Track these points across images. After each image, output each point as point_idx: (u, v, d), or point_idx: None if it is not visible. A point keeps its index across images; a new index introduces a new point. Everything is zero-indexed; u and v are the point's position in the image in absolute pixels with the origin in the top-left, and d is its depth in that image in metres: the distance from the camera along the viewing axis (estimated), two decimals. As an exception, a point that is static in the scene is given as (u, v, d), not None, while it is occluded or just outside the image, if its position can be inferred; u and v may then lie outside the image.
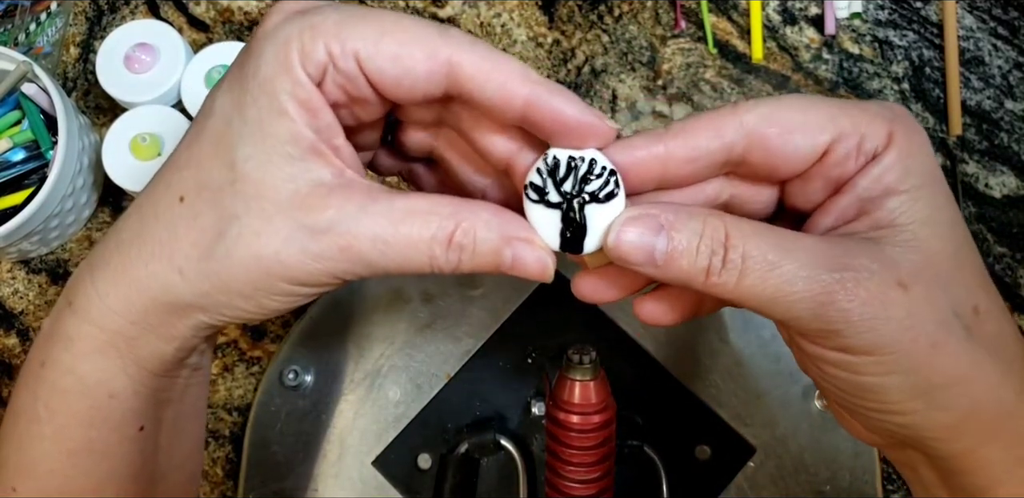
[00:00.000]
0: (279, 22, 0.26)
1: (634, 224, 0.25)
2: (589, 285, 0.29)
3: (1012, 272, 0.54)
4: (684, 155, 0.26)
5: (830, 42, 0.57)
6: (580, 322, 0.51)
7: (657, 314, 0.29)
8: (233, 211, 0.25)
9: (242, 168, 0.25)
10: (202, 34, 0.59)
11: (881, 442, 0.29)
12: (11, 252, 0.52)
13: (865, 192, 0.26)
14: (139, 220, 0.28)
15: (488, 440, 0.47)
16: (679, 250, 0.25)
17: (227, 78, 0.26)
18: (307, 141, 0.25)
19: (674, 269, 0.25)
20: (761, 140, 0.26)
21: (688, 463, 0.48)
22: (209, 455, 0.52)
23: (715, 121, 0.26)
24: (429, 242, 0.25)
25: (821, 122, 0.26)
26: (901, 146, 0.26)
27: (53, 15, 0.59)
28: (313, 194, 0.25)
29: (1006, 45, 0.57)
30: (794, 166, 0.26)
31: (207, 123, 0.26)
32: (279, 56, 0.25)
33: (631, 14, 0.58)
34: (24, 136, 0.51)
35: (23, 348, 0.54)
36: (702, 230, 0.25)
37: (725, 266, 0.24)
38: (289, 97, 0.25)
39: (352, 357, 0.50)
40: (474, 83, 0.25)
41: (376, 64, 0.25)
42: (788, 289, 0.24)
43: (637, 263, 0.25)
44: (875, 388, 0.25)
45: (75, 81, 0.59)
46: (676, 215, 0.25)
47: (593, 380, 0.42)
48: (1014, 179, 0.55)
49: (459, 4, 0.59)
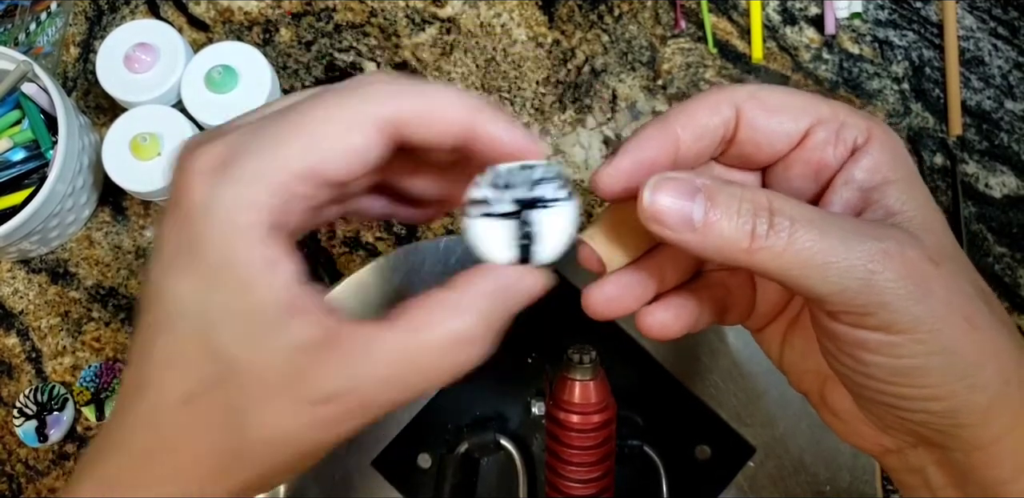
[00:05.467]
0: (206, 193, 0.24)
1: (666, 187, 0.24)
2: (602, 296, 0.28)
3: (1012, 272, 0.54)
4: (691, 134, 0.26)
5: (830, 42, 0.57)
6: (580, 322, 0.50)
7: (666, 321, 0.28)
8: (237, 404, 0.24)
9: (229, 356, 0.24)
10: (202, 34, 0.59)
11: (891, 445, 0.28)
12: (11, 252, 0.52)
13: (864, 183, 0.26)
14: (136, 430, 0.26)
15: (488, 440, 0.47)
16: (720, 213, 0.24)
17: (173, 259, 0.24)
18: (284, 304, 0.24)
19: (714, 234, 0.24)
20: (749, 117, 0.26)
21: (688, 463, 0.48)
22: (209, 455, 0.52)
23: (710, 99, 0.26)
24: (451, 368, 0.26)
25: (803, 106, 0.26)
26: (883, 139, 0.26)
27: (53, 15, 0.59)
28: (308, 364, 0.24)
29: (1006, 45, 0.57)
30: (777, 146, 0.27)
31: (170, 314, 0.25)
32: (228, 233, 0.23)
33: (631, 14, 0.58)
34: (24, 136, 0.51)
35: (23, 348, 0.54)
36: (741, 194, 0.24)
37: (773, 229, 0.23)
38: (254, 270, 0.24)
39: (352, 357, 0.50)
40: (415, 132, 0.25)
41: (326, 173, 0.24)
42: (841, 254, 0.23)
43: (673, 227, 0.24)
44: (916, 372, 0.25)
45: (75, 81, 0.59)
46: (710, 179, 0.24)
47: (593, 380, 0.42)
48: (1014, 179, 0.55)
49: (459, 4, 0.59)
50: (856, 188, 0.26)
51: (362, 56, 0.58)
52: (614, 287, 0.28)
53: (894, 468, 0.29)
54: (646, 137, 0.26)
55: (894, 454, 0.29)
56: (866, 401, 0.27)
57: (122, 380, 0.27)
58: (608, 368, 0.43)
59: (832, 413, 0.30)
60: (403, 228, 0.55)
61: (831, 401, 0.30)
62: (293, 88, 0.58)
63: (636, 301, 0.28)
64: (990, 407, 0.25)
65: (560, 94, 0.57)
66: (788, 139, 0.27)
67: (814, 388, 0.30)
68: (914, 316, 0.24)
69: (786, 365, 0.31)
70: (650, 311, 0.28)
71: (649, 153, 0.26)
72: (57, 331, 0.54)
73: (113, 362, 0.53)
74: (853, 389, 0.27)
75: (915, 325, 0.24)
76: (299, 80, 0.58)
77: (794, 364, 0.31)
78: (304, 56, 0.58)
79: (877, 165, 0.26)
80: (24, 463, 0.53)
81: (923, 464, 0.28)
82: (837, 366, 0.27)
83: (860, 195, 0.26)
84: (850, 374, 0.27)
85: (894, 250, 0.24)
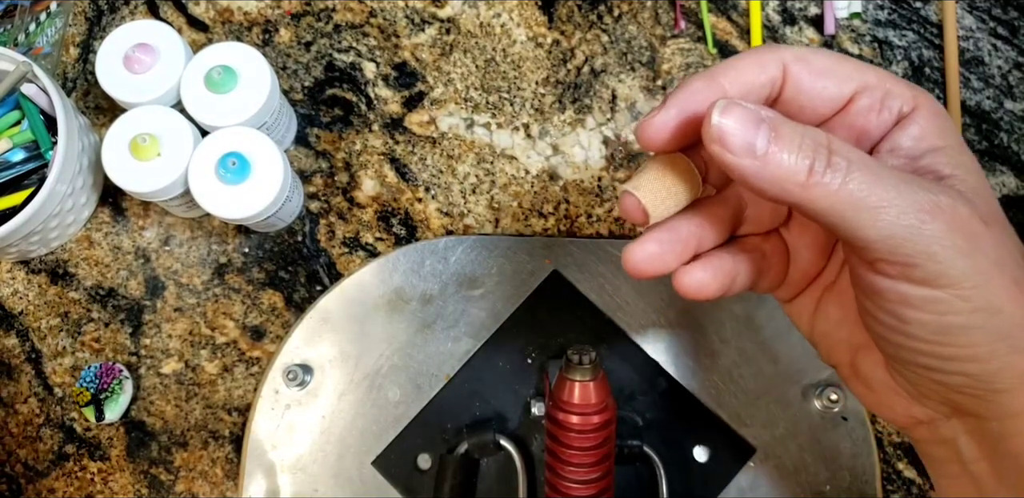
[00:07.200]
0: None
1: (735, 111, 0.24)
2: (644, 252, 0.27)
3: (1012, 272, 0.54)
4: (738, 90, 0.26)
5: (830, 42, 0.57)
6: (580, 322, 0.51)
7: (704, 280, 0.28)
8: None
9: None
10: (202, 34, 0.59)
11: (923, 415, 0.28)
12: (11, 252, 0.52)
13: (911, 151, 0.26)
14: None
15: (488, 440, 0.47)
16: (783, 145, 0.24)
17: None
18: None
19: (774, 163, 0.24)
20: (795, 79, 0.26)
21: (688, 463, 0.48)
22: (209, 455, 0.52)
23: (759, 57, 0.26)
24: None
25: (850, 72, 0.27)
26: (930, 108, 0.26)
27: (53, 15, 0.59)
28: None
29: (1006, 45, 0.57)
30: (820, 109, 0.27)
31: None
32: None
33: (631, 14, 0.58)
34: (24, 136, 0.51)
35: (23, 348, 0.54)
36: (804, 130, 0.24)
37: (830, 166, 0.23)
38: None
39: (352, 357, 0.50)
40: None
41: None
42: (893, 199, 0.23)
43: (735, 151, 0.24)
44: (959, 330, 0.24)
45: (75, 81, 0.59)
46: (773, 113, 0.24)
47: (593, 380, 0.42)
48: (1014, 179, 0.55)
49: (459, 4, 0.59)
50: (903, 155, 0.26)
51: (362, 56, 0.58)
52: (655, 245, 0.28)
53: (924, 439, 0.29)
54: (693, 90, 0.26)
55: (924, 425, 0.28)
56: (903, 365, 0.27)
57: None
58: (608, 368, 0.43)
59: (864, 383, 0.30)
60: (403, 228, 0.55)
61: (864, 370, 0.29)
62: (293, 88, 0.58)
63: (676, 259, 0.28)
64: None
65: (560, 94, 0.57)
66: (832, 103, 0.27)
67: (845, 359, 0.30)
68: (960, 270, 0.24)
69: (817, 335, 0.31)
70: (688, 270, 0.28)
71: (696, 105, 0.26)
72: (57, 332, 0.54)
73: (112, 363, 0.53)
74: (890, 352, 0.27)
75: (961, 279, 0.24)
76: (299, 80, 0.58)
77: (826, 334, 0.31)
78: (304, 56, 0.58)
79: (924, 133, 0.26)
80: (24, 463, 0.53)
81: (955, 435, 0.27)
82: (876, 327, 0.27)
83: (907, 162, 0.26)
84: (889, 335, 0.26)
85: (946, 204, 0.24)
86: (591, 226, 0.55)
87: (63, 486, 0.52)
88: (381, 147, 0.56)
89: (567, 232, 0.55)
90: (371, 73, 0.58)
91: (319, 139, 0.57)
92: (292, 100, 0.57)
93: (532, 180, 0.56)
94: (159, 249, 0.55)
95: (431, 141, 0.56)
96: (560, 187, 0.55)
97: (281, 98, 0.52)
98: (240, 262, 0.55)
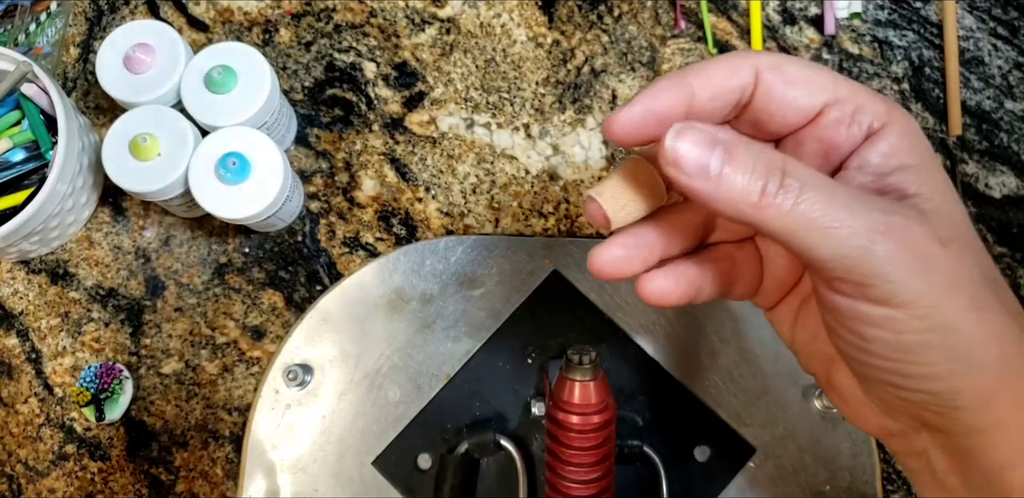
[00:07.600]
0: None
1: (689, 135, 0.24)
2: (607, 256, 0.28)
3: (1012, 272, 0.54)
4: (707, 93, 0.26)
5: (830, 42, 0.57)
6: (580, 322, 0.51)
7: (665, 288, 0.28)
8: None
9: None
10: (202, 34, 0.59)
11: (894, 428, 0.28)
12: (11, 252, 0.52)
13: (880, 168, 0.26)
14: None
15: (488, 440, 0.47)
16: (736, 167, 0.24)
17: None
18: None
19: (726, 185, 0.24)
20: (767, 86, 0.26)
21: (688, 463, 0.48)
22: (209, 455, 0.52)
23: (732, 62, 0.26)
24: None
25: (822, 83, 0.26)
26: (901, 124, 0.26)
27: (53, 15, 0.59)
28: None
29: (1006, 45, 0.57)
30: (789, 119, 0.27)
31: None
32: None
33: (631, 14, 0.58)
34: (24, 136, 0.51)
35: (23, 348, 0.54)
36: (758, 152, 0.24)
37: (783, 187, 0.24)
38: None
39: (352, 357, 0.50)
40: None
41: None
42: (845, 220, 0.23)
43: (688, 172, 0.24)
44: (916, 348, 0.25)
45: (75, 81, 0.59)
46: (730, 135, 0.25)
47: (593, 380, 0.42)
48: (1014, 179, 0.55)
49: (459, 4, 0.59)
50: (871, 172, 0.26)
51: (362, 56, 0.58)
52: (619, 249, 0.28)
53: (898, 452, 0.29)
54: (660, 88, 0.26)
55: (898, 438, 0.29)
56: (868, 381, 0.27)
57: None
58: (608, 368, 0.43)
59: (838, 395, 0.30)
60: (403, 228, 0.55)
61: (836, 383, 0.30)
62: (293, 88, 0.58)
63: (642, 263, 0.28)
64: (991, 390, 0.25)
65: (560, 94, 0.57)
66: (802, 113, 0.27)
67: (821, 370, 0.30)
68: (914, 290, 0.24)
69: (797, 345, 0.31)
70: (650, 277, 0.28)
71: (661, 104, 0.26)
72: (57, 332, 0.54)
73: (112, 363, 0.53)
74: (856, 368, 0.27)
75: (915, 299, 0.24)
76: (299, 80, 0.58)
77: (805, 344, 0.31)
78: (304, 56, 0.58)
79: (894, 150, 0.26)
80: (24, 463, 0.53)
81: (926, 448, 0.28)
82: (840, 343, 0.27)
83: (874, 179, 0.26)
84: (852, 352, 0.26)
85: (899, 224, 0.24)
86: (591, 226, 0.55)
87: (63, 486, 0.52)
88: (381, 147, 0.56)
89: (567, 232, 0.55)
90: (371, 73, 0.58)
91: (319, 139, 0.57)
92: (292, 100, 0.57)
93: (532, 180, 0.56)
94: (159, 249, 0.55)
95: (431, 141, 0.56)
96: (560, 187, 0.55)
97: (281, 98, 0.52)
98: (240, 262, 0.55)
